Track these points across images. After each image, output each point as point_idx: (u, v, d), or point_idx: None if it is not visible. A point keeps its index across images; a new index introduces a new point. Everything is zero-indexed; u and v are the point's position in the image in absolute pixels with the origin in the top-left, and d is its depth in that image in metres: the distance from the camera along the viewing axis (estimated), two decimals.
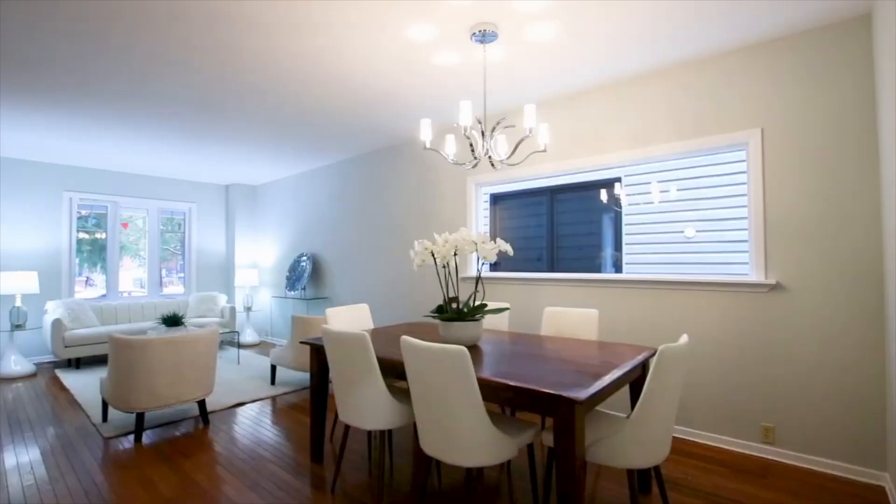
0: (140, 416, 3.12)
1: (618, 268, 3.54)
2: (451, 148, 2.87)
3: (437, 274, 3.38)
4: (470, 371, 1.73)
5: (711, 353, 2.97)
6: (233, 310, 6.50)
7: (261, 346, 6.69)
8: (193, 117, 4.12)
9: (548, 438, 1.98)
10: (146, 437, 3.17)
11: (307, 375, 4.84)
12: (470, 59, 3.00)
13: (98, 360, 5.76)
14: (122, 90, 3.46)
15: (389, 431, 2.96)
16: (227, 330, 6.21)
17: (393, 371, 2.30)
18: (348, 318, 3.47)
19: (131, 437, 3.18)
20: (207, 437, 3.18)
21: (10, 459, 2.83)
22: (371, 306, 5.37)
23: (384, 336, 2.91)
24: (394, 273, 5.10)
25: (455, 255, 2.44)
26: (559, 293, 3.69)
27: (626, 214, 3.48)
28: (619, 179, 3.53)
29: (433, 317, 2.52)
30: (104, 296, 6.39)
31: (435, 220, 4.67)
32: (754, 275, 2.82)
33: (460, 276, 4.34)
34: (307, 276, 6.11)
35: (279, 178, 7.03)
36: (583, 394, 1.62)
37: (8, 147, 5.08)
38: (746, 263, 2.92)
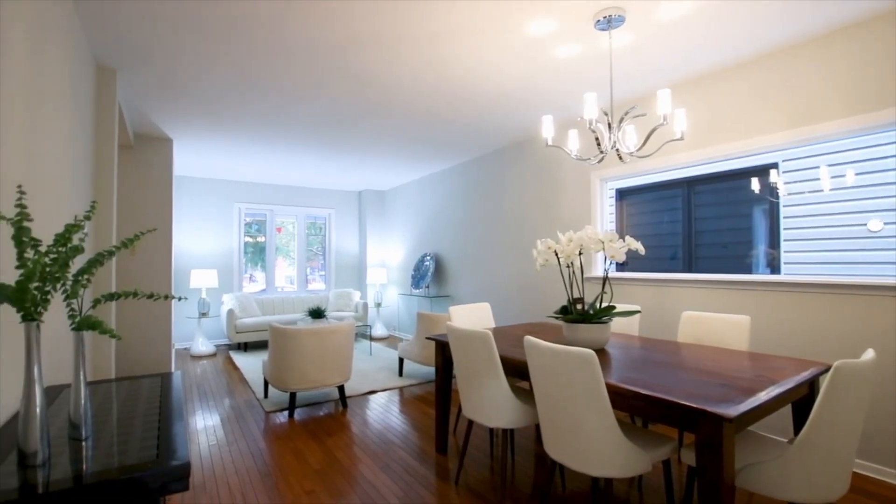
0: (293, 396, 3.58)
1: (774, 268, 3.07)
2: (573, 143, 2.76)
3: (561, 274, 3.28)
4: (598, 376, 1.65)
5: None
6: (365, 305, 7.10)
7: (389, 340, 7.19)
8: (331, 133, 4.60)
9: (687, 456, 1.80)
10: (297, 414, 3.62)
11: (432, 369, 5.08)
12: (593, 48, 2.86)
13: (260, 345, 6.74)
14: (274, 118, 4.01)
15: (512, 430, 2.96)
16: (361, 323, 6.80)
17: (515, 371, 2.30)
18: (470, 317, 3.55)
19: (286, 412, 3.66)
20: (346, 419, 3.51)
21: (200, 422, 3.46)
22: (491, 305, 5.42)
23: (506, 335, 2.92)
24: (514, 272, 5.08)
25: (580, 254, 2.34)
26: (699, 296, 3.32)
27: (784, 206, 2.99)
28: (774, 165, 3.05)
29: (557, 318, 2.45)
30: (264, 290, 7.46)
31: (557, 219, 4.54)
32: None
33: (585, 276, 4.15)
34: (430, 275, 6.40)
35: (404, 183, 7.48)
36: (733, 410, 1.43)
37: (194, 169, 6.23)
38: None
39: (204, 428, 3.35)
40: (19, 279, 0.98)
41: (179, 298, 1.37)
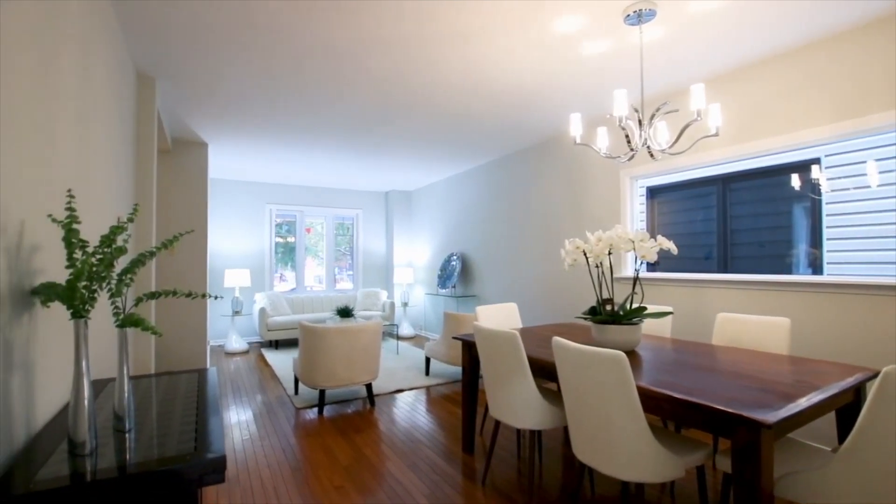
0: (322, 393, 3.65)
1: (816, 268, 2.93)
2: (603, 141, 2.71)
3: (590, 274, 3.23)
4: (629, 378, 1.62)
5: None
6: (392, 305, 7.16)
7: (416, 339, 7.23)
8: (358, 135, 4.66)
9: (723, 462, 1.74)
10: (326, 411, 3.69)
11: (458, 369, 5.08)
12: (623, 44, 2.80)
13: (291, 343, 6.90)
14: (303, 120, 4.09)
15: (539, 431, 2.93)
16: (388, 323, 6.87)
17: (542, 372, 2.28)
18: (497, 317, 3.54)
19: (315, 409, 3.73)
20: (373, 417, 3.56)
21: (234, 417, 3.57)
22: (518, 305, 5.38)
23: (534, 336, 2.90)
24: (542, 272, 5.03)
25: (609, 254, 2.30)
26: (734, 297, 3.20)
27: (827, 203, 2.86)
28: (816, 161, 2.92)
29: (585, 318, 2.42)
30: (294, 289, 7.63)
31: (586, 218, 4.47)
32: None
33: (615, 276, 4.07)
34: (457, 275, 6.40)
35: (431, 183, 7.51)
36: (771, 416, 1.38)
37: (228, 171, 6.43)
38: None
39: (238, 423, 3.45)
40: (69, 278, 1.03)
41: (215, 297, 1.42)
